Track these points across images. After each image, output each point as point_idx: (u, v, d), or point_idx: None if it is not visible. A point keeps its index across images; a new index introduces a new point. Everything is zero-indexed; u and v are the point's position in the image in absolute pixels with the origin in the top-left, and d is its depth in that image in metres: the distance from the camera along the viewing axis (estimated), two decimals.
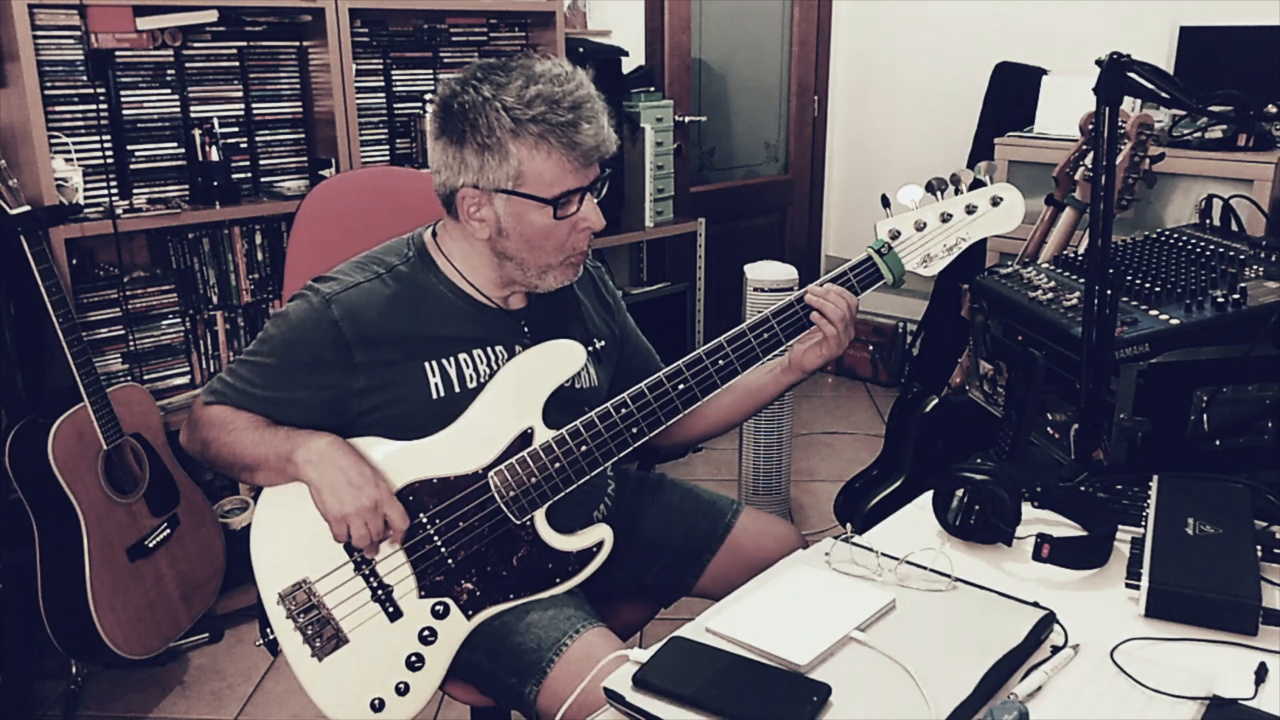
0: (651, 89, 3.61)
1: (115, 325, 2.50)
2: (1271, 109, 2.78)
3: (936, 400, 2.55)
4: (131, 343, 2.53)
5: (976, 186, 1.42)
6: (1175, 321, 1.51)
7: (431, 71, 3.00)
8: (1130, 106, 2.69)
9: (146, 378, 2.56)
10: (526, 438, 1.40)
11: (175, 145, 2.58)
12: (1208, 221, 2.00)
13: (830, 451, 3.74)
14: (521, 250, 1.41)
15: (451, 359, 1.43)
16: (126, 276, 2.52)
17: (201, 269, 2.64)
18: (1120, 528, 1.29)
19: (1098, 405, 1.44)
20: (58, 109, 2.36)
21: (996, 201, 1.41)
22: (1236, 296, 1.54)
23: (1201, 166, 2.83)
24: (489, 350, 1.45)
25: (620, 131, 1.48)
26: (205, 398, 1.46)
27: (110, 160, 2.45)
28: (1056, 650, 1.08)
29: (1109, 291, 1.39)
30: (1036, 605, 1.13)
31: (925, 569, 1.21)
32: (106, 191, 2.43)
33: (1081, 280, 1.74)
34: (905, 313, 4.31)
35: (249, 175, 2.72)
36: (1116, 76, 1.35)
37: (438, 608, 1.40)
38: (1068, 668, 1.06)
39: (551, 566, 1.42)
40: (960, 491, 1.30)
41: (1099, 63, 1.36)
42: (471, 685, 1.46)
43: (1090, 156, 2.33)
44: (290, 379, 1.41)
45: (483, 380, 1.43)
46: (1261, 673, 1.04)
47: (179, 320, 2.62)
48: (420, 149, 2.95)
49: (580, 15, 3.56)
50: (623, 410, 1.40)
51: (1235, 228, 1.97)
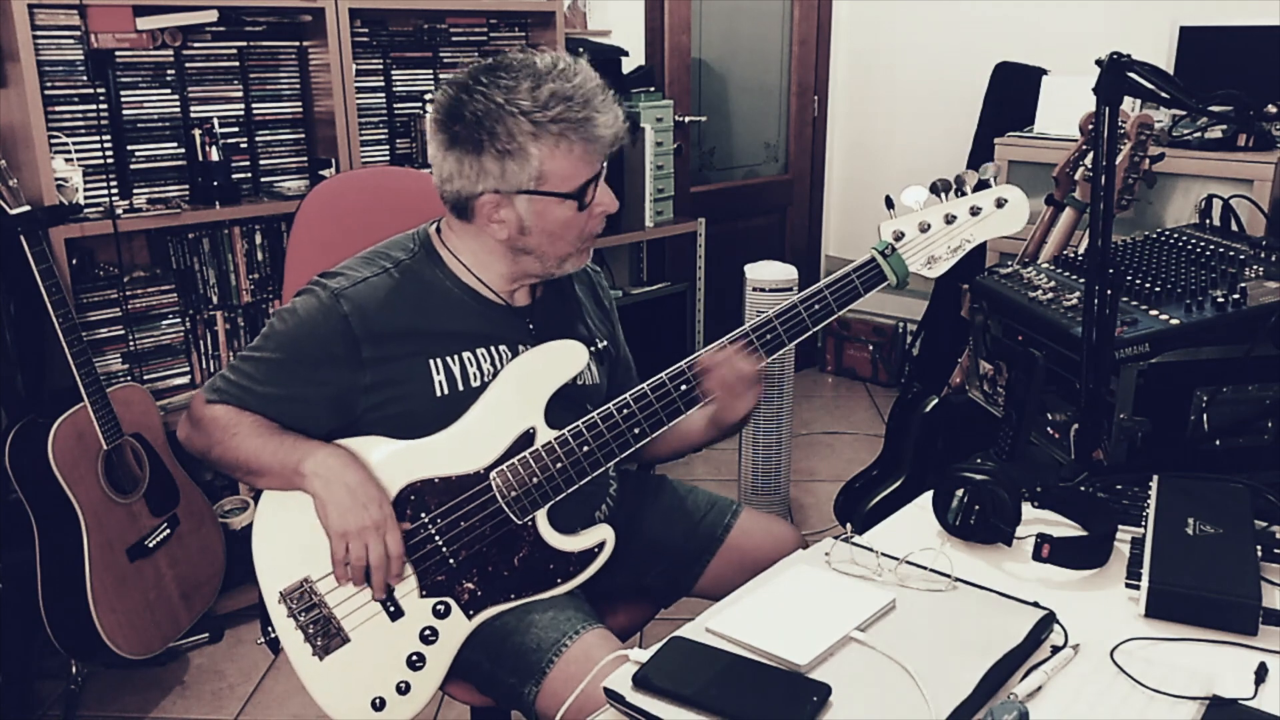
0: (651, 89, 3.61)
1: (115, 325, 2.50)
2: (1271, 109, 2.78)
3: (936, 400, 2.55)
4: (131, 343, 2.53)
5: (981, 188, 1.42)
6: (1175, 321, 1.51)
7: (431, 71, 3.00)
8: (1130, 106, 2.69)
9: (146, 378, 2.56)
10: (528, 437, 1.40)
11: (175, 145, 2.58)
12: (1208, 221, 2.00)
13: (830, 451, 3.74)
14: (543, 244, 1.41)
15: (456, 357, 1.43)
16: (126, 276, 2.52)
17: (201, 269, 2.64)
18: (1120, 528, 1.29)
19: (1098, 405, 1.44)
20: (58, 109, 2.36)
21: (1001, 203, 1.41)
22: (1236, 296, 1.54)
23: (1201, 166, 2.83)
24: (493, 348, 1.45)
25: None
26: (207, 396, 1.45)
27: (110, 160, 2.45)
28: (1056, 650, 1.08)
29: (1109, 291, 1.39)
30: (1036, 605, 1.13)
31: (925, 569, 1.21)
32: (106, 191, 2.43)
33: (1081, 280, 1.74)
34: (905, 313, 4.31)
35: (249, 175, 2.72)
36: (1116, 76, 1.35)
37: (439, 607, 1.40)
38: (1068, 668, 1.06)
39: (553, 567, 1.43)
40: (960, 491, 1.30)
41: (1099, 63, 1.36)
42: (472, 685, 1.46)
43: (1090, 156, 2.34)
44: (296, 375, 1.40)
45: (486, 379, 1.43)
46: (1261, 673, 1.04)
47: (179, 320, 2.62)
48: (420, 149, 2.95)
49: (580, 15, 3.56)
50: (624, 410, 1.40)
51: (1235, 228, 1.97)
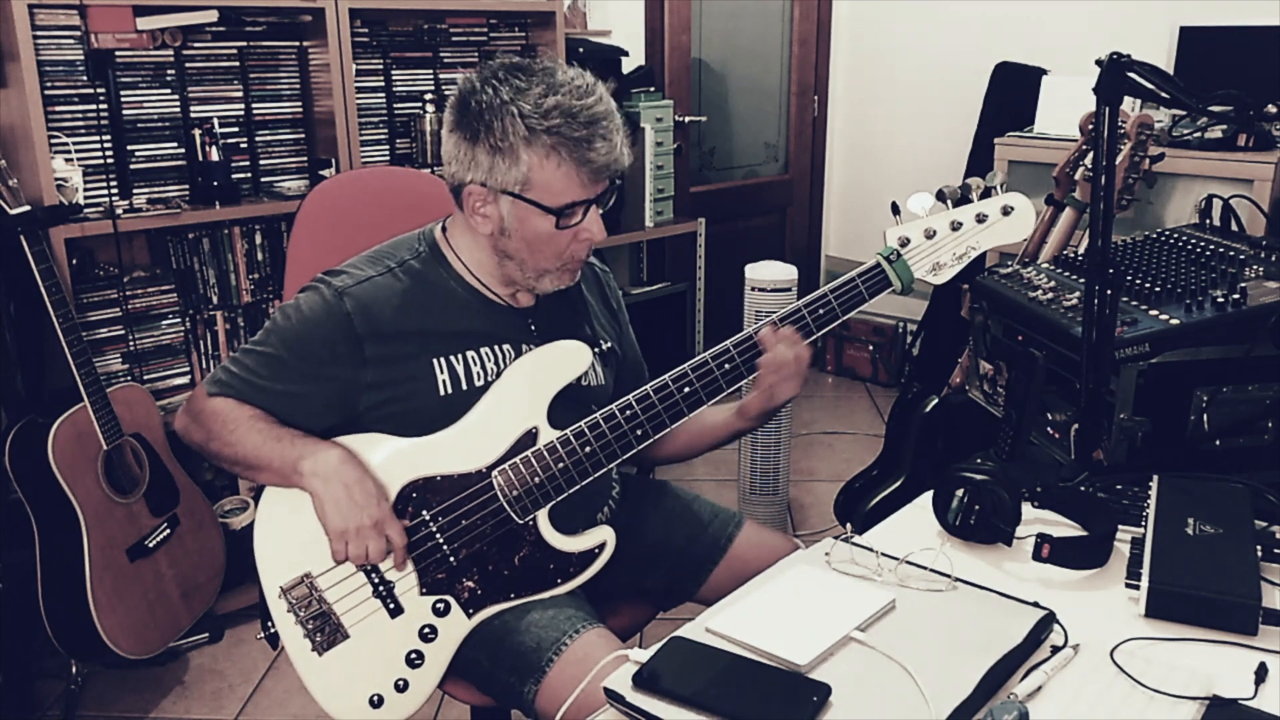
0: (651, 89, 3.62)
1: (115, 325, 2.50)
2: (1271, 109, 2.78)
3: (936, 400, 2.55)
4: (131, 343, 2.53)
5: (987, 195, 1.42)
6: (1175, 321, 1.51)
7: (431, 71, 3.00)
8: (1130, 106, 2.69)
9: (146, 378, 2.56)
10: (531, 437, 1.40)
11: (175, 145, 2.58)
12: (1208, 221, 2.00)
13: (830, 451, 3.74)
14: (521, 251, 1.41)
15: (459, 356, 1.43)
16: (126, 276, 2.52)
17: (201, 269, 2.64)
18: (1120, 528, 1.29)
19: (1098, 405, 1.44)
20: (58, 109, 2.36)
21: (1007, 210, 1.41)
22: (1236, 296, 1.54)
23: (1201, 166, 2.83)
24: (497, 348, 1.46)
25: None
26: (208, 388, 1.44)
27: (110, 160, 2.45)
28: (1056, 650, 1.08)
29: (1109, 291, 1.39)
30: (1036, 605, 1.13)
31: (925, 569, 1.21)
32: (106, 191, 2.43)
33: (1081, 280, 1.74)
34: (905, 313, 4.31)
35: (249, 175, 2.72)
36: (1116, 76, 1.35)
37: (439, 605, 1.41)
38: (1068, 668, 1.06)
39: (553, 567, 1.43)
40: (960, 491, 1.30)
41: (1099, 63, 1.36)
42: (471, 684, 1.46)
43: (1090, 156, 2.34)
44: (298, 372, 1.40)
45: (489, 378, 1.43)
46: (1261, 673, 1.04)
47: (179, 320, 2.62)
48: (420, 149, 2.95)
49: (580, 15, 3.56)
50: (627, 412, 1.39)
51: (1235, 228, 1.97)
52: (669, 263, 3.88)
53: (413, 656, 1.40)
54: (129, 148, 2.51)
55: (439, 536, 1.39)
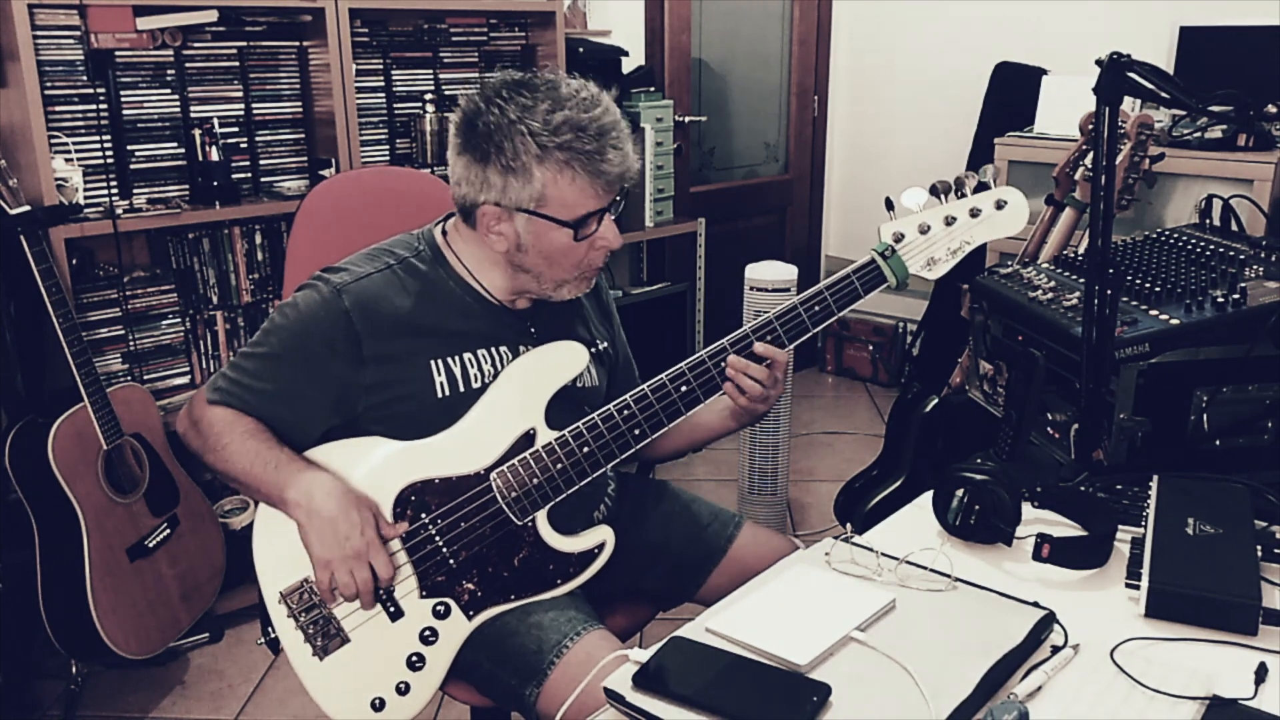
0: (651, 89, 3.62)
1: (115, 325, 2.50)
2: (1271, 109, 2.78)
3: (936, 400, 2.55)
4: (131, 343, 2.53)
5: (981, 190, 1.42)
6: (1175, 321, 1.51)
7: (431, 71, 3.00)
8: (1130, 106, 2.69)
9: (146, 378, 2.56)
10: (529, 438, 1.40)
11: (175, 145, 2.58)
12: (1208, 221, 2.00)
13: (830, 451, 3.74)
14: (539, 265, 1.41)
15: (457, 357, 1.43)
16: (126, 276, 2.52)
17: (201, 269, 2.64)
18: (1120, 528, 1.29)
19: (1098, 405, 1.44)
20: (58, 109, 2.36)
21: (1001, 205, 1.41)
22: (1236, 296, 1.54)
23: (1201, 166, 2.83)
24: (494, 350, 1.46)
25: None
26: (208, 395, 1.44)
27: (110, 160, 2.45)
28: (1056, 650, 1.08)
29: (1109, 291, 1.39)
30: (1036, 605, 1.13)
31: (925, 569, 1.21)
32: (106, 191, 2.43)
33: (1081, 280, 1.74)
34: (905, 313, 4.31)
35: (249, 175, 2.72)
36: (1116, 76, 1.35)
37: (439, 608, 1.40)
38: (1068, 668, 1.06)
39: (553, 568, 1.42)
40: (960, 491, 1.30)
41: (1099, 63, 1.36)
42: (472, 686, 1.46)
43: (1090, 156, 2.34)
44: (296, 370, 1.40)
45: (487, 380, 1.43)
46: (1261, 673, 1.04)
47: (179, 320, 2.62)
48: (420, 149, 2.95)
49: (580, 15, 3.56)
50: (625, 412, 1.39)
51: (1235, 228, 1.97)
52: (669, 263, 3.88)
53: (414, 659, 1.40)
54: (129, 148, 2.51)
55: (438, 539, 1.39)
